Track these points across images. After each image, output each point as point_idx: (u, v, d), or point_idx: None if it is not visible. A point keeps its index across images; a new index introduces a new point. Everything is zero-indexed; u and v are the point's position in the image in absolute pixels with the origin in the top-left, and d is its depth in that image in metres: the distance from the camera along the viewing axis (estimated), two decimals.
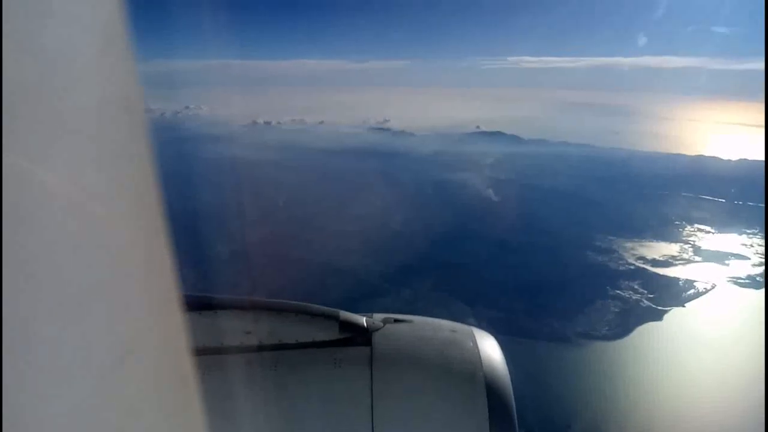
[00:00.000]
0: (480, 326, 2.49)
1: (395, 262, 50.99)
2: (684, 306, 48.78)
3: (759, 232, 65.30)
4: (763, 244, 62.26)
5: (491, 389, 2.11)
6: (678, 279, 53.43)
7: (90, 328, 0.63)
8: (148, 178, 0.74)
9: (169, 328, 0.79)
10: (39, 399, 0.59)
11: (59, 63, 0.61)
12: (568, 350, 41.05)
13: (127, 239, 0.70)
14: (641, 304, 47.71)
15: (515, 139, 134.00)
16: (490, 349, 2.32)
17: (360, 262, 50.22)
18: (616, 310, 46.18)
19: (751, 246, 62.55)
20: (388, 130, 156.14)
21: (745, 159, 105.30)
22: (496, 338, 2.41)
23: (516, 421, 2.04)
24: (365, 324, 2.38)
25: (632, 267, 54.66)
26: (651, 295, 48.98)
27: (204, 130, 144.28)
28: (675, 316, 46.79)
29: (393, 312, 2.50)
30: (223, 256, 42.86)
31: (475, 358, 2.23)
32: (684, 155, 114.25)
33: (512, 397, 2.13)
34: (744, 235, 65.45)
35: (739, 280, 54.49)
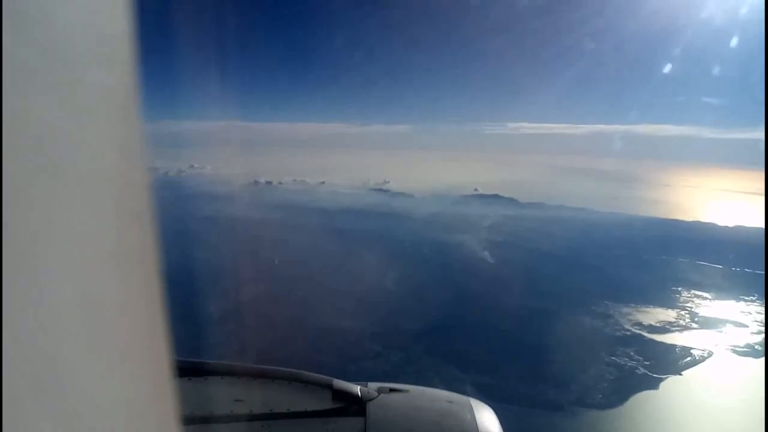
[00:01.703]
0: (472, 393, 2.52)
1: (389, 324, 50.31)
2: (681, 374, 47.52)
3: (757, 299, 64.27)
4: (762, 311, 61.42)
5: None
6: (675, 346, 52.30)
7: (78, 391, 0.60)
8: (147, 237, 0.72)
9: (158, 394, 0.75)
10: None
11: (66, 122, 0.60)
12: (561, 419, 39.73)
13: (121, 297, 0.67)
14: (637, 371, 46.55)
15: (513, 202, 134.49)
16: (487, 421, 2.29)
17: (353, 324, 49.55)
18: (611, 377, 45.02)
19: (750, 313, 61.54)
20: (387, 191, 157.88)
21: (742, 226, 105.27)
22: (490, 406, 2.42)
23: None
24: (359, 393, 2.37)
25: (628, 333, 53.64)
26: (647, 362, 47.80)
27: (207, 189, 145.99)
28: (671, 384, 45.46)
29: (386, 380, 2.54)
30: (216, 318, 42.26)
31: (472, 431, 2.21)
32: (681, 221, 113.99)
33: None
34: (742, 302, 64.47)
35: (737, 348, 53.27)
